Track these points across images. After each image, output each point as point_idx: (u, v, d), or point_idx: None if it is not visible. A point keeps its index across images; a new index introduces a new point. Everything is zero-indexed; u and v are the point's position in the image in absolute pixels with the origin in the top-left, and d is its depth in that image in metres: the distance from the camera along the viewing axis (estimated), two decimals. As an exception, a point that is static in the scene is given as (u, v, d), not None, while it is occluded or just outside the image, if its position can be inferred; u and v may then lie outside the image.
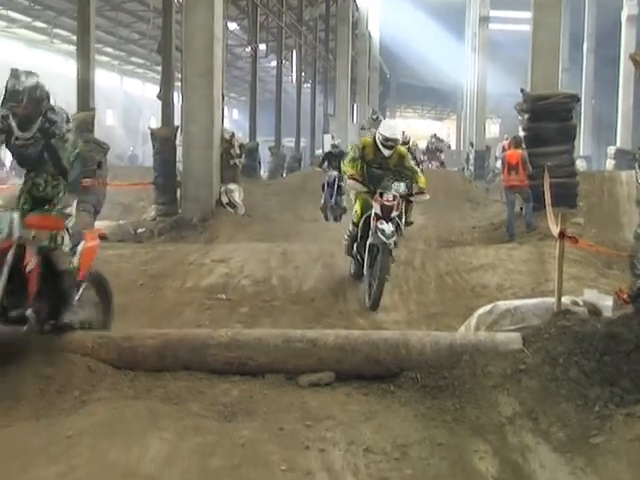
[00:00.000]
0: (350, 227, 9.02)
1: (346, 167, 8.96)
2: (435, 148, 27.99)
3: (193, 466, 4.15)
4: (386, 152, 8.66)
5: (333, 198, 17.71)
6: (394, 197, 8.36)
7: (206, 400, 5.16)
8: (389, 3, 44.53)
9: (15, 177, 27.98)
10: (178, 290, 8.55)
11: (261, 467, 4.18)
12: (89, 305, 6.08)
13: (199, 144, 14.30)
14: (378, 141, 8.70)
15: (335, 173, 17.42)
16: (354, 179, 8.69)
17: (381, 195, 8.36)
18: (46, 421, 4.84)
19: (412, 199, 8.96)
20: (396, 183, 9.09)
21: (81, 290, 5.94)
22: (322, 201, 17.88)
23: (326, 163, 18.29)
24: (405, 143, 15.59)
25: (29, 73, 5.50)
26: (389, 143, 8.64)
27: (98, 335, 5.86)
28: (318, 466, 4.23)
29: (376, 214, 8.27)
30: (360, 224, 8.65)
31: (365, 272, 8.47)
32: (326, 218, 17.86)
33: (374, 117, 26.30)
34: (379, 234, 8.13)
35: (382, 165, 8.82)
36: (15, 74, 5.43)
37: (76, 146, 5.83)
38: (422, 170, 11.77)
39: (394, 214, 8.35)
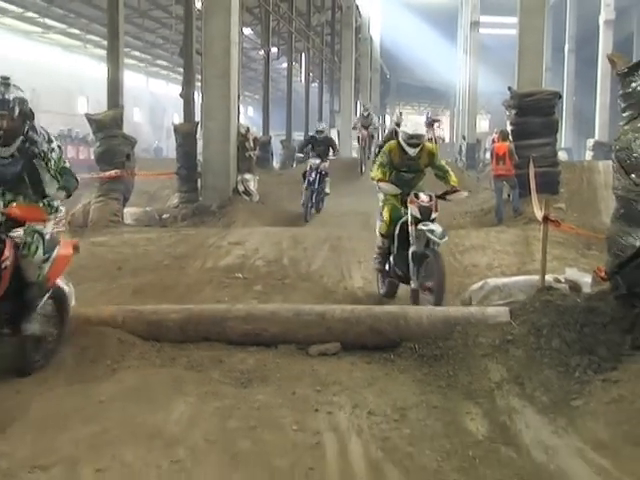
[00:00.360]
0: (378, 240, 7.51)
1: (375, 172, 7.34)
2: (432, 120, 25.36)
3: (213, 427, 4.18)
4: (412, 151, 7.15)
5: (316, 185, 14.50)
6: (430, 197, 7.07)
7: (225, 368, 5.19)
8: (389, 10, 44.20)
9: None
10: (199, 270, 8.56)
11: (275, 428, 4.20)
12: (47, 316, 5.32)
13: (217, 138, 14.26)
14: (402, 141, 7.19)
15: (318, 161, 14.38)
16: (385, 181, 7.26)
17: (416, 196, 7.03)
18: (81, 387, 4.86)
19: (449, 198, 7.54)
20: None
21: (44, 299, 5.18)
22: (302, 197, 14.51)
23: (309, 147, 15.16)
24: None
25: (18, 87, 4.82)
26: (413, 140, 7.14)
27: (129, 309, 5.87)
28: (326, 427, 4.25)
29: (414, 218, 6.92)
30: (396, 233, 7.22)
31: (413, 284, 7.02)
32: (306, 218, 14.25)
33: (365, 114, 21.83)
34: (429, 235, 6.77)
35: (411, 167, 7.36)
36: (5, 82, 4.76)
37: (63, 162, 5.11)
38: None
39: (434, 215, 7.01)
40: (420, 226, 6.86)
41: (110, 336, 5.49)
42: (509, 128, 14.79)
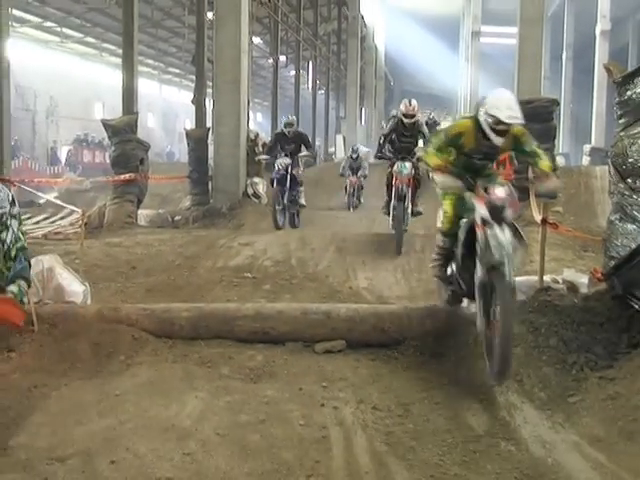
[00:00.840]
0: (439, 239, 5.74)
1: (429, 157, 5.42)
2: (434, 122, 23.84)
3: (224, 421, 4.19)
4: (498, 140, 5.11)
5: (286, 196, 11.51)
6: (507, 189, 4.95)
7: (234, 364, 5.20)
8: (393, 20, 44.14)
9: (70, 172, 28.16)
10: (209, 270, 8.55)
11: (283, 422, 4.21)
12: None
13: (228, 143, 14.26)
14: (486, 125, 5.05)
15: (287, 161, 11.34)
16: (443, 171, 5.32)
17: (486, 190, 4.97)
18: (97, 381, 4.88)
19: (537, 189, 5.70)
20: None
21: None
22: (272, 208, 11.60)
23: (279, 146, 11.76)
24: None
25: None
26: (502, 127, 5.02)
27: (142, 308, 5.88)
28: (332, 421, 4.25)
29: (482, 218, 4.87)
30: (461, 235, 5.27)
31: (479, 323, 4.99)
32: (277, 224, 11.37)
33: (354, 156, 17.95)
34: (493, 250, 4.71)
35: (488, 155, 5.53)
36: None
37: (19, 238, 4.03)
38: None
39: (508, 215, 4.85)
40: (487, 230, 4.83)
41: (124, 333, 5.50)
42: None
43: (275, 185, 11.48)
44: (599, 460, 3.93)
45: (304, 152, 11.80)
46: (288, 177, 11.37)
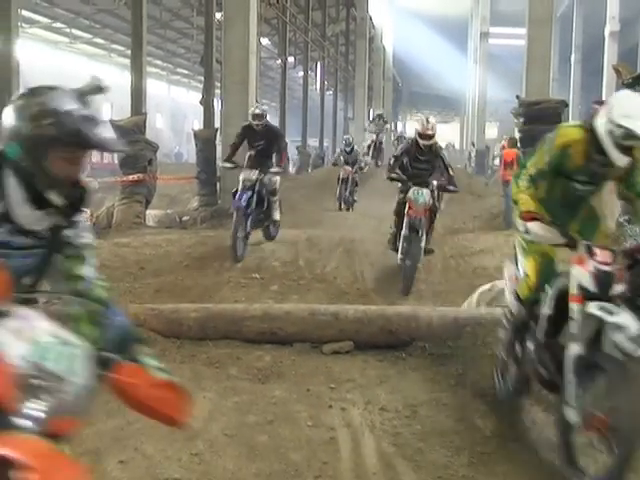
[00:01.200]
0: (513, 305, 4.34)
1: (520, 194, 4.05)
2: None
3: (232, 421, 4.20)
4: (622, 160, 3.65)
5: (251, 218, 9.02)
6: (617, 253, 3.62)
7: (242, 365, 5.20)
8: (401, 21, 44.17)
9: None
10: (218, 270, 8.54)
11: (290, 423, 4.21)
12: None
13: (236, 144, 14.27)
14: (609, 138, 3.61)
15: (254, 176, 8.97)
16: (537, 219, 3.87)
17: (589, 250, 3.60)
18: (106, 382, 4.89)
19: None
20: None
21: None
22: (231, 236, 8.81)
23: (245, 143, 9.57)
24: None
25: None
26: (631, 142, 3.60)
27: (150, 308, 5.90)
28: (340, 423, 4.26)
29: (582, 290, 3.60)
30: (547, 308, 3.97)
31: (568, 411, 3.60)
32: (236, 253, 8.69)
33: (347, 149, 16.66)
34: (611, 337, 3.43)
35: (595, 178, 4.01)
36: None
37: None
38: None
39: (618, 289, 3.57)
40: (593, 309, 3.52)
41: (133, 334, 5.51)
42: (517, 135, 14.75)
43: (236, 209, 8.98)
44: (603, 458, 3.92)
45: (274, 168, 9.35)
46: (254, 197, 9.02)
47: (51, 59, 33.26)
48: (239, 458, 3.76)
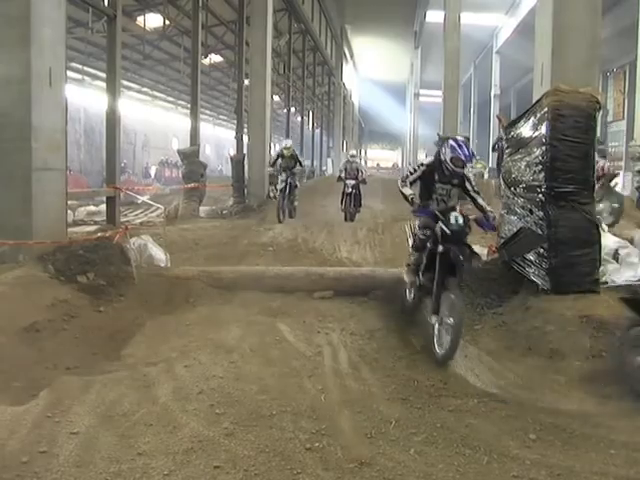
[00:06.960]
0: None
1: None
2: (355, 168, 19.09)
3: (255, 341, 4.18)
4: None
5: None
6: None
7: (262, 306, 5.16)
8: (363, 85, 44.10)
9: (156, 183, 27.93)
10: (245, 245, 8.44)
11: (293, 343, 4.20)
12: None
13: (257, 163, 14.15)
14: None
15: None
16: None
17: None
18: (174, 315, 4.87)
19: None
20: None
21: None
22: None
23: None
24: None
25: None
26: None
27: (202, 270, 5.84)
28: (324, 342, 4.25)
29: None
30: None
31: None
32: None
33: (285, 153, 10.77)
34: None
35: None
36: None
37: None
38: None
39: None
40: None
41: (191, 285, 5.46)
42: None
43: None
44: (491, 363, 3.98)
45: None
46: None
47: (140, 111, 32.59)
48: (260, 365, 3.75)
